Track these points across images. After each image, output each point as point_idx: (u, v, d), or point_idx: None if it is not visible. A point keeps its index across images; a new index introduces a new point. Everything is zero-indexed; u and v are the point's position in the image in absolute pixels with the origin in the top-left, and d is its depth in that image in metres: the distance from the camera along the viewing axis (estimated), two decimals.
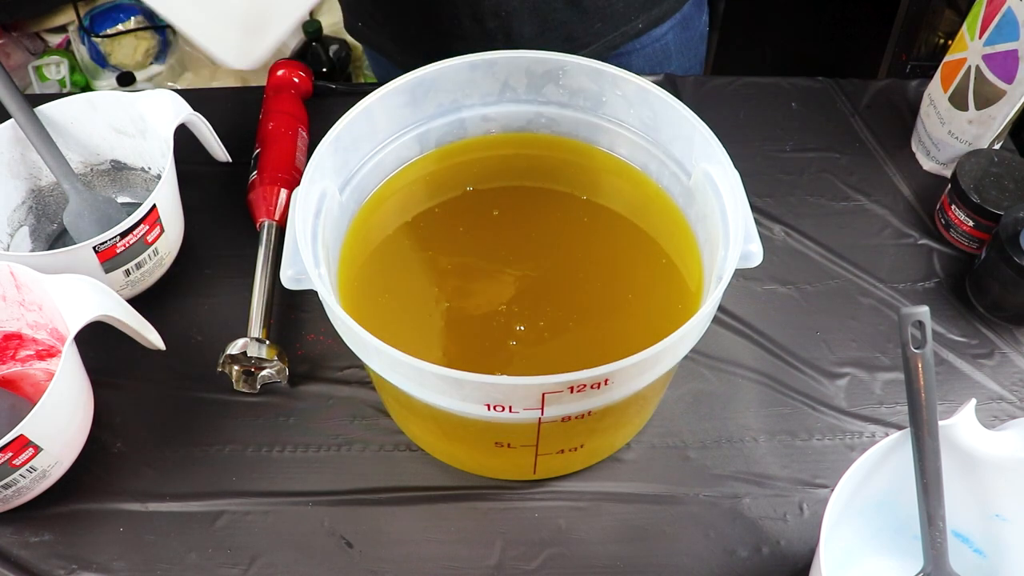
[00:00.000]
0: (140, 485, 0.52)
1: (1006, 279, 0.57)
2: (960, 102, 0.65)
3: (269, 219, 0.61)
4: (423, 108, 0.53)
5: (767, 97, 0.75)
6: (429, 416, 0.46)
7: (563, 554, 0.50)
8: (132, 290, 0.58)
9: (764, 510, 0.52)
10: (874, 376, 0.58)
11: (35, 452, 0.47)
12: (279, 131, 0.66)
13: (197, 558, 0.50)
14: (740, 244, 0.43)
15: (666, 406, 0.56)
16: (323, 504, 0.52)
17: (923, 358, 0.40)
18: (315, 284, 0.42)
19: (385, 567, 0.49)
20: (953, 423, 0.43)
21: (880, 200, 0.68)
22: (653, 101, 0.50)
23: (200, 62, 1.49)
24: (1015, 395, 0.57)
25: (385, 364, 0.41)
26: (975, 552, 0.48)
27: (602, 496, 0.52)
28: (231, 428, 0.55)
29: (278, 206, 0.61)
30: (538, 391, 0.39)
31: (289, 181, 0.63)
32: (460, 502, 0.52)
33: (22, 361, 0.56)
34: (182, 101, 0.60)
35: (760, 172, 0.69)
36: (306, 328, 0.59)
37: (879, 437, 0.55)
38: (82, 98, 0.61)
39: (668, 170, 0.52)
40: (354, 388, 0.56)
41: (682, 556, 0.50)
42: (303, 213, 0.45)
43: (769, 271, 0.63)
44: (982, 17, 0.62)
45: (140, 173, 0.65)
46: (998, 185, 0.62)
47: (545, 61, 0.52)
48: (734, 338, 0.59)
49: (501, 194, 0.56)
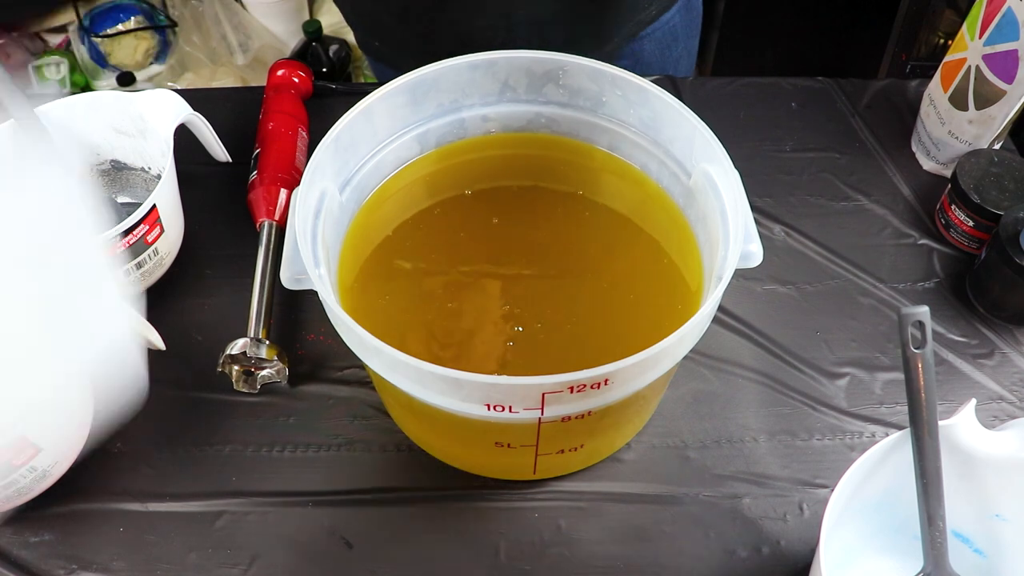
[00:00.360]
0: (140, 485, 0.52)
1: (1006, 279, 0.57)
2: (960, 102, 0.65)
3: (269, 219, 0.61)
4: (423, 108, 0.53)
5: (767, 97, 0.75)
6: (429, 416, 0.46)
7: (563, 554, 0.50)
8: (132, 290, 0.58)
9: (764, 510, 0.52)
10: (874, 376, 0.58)
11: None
12: (279, 131, 0.66)
13: (197, 558, 0.50)
14: (740, 244, 0.43)
15: (666, 406, 0.56)
16: (323, 504, 0.52)
17: (923, 358, 0.40)
18: (315, 284, 0.42)
19: (385, 567, 0.49)
20: (953, 423, 0.43)
21: (880, 200, 0.68)
22: (653, 101, 0.50)
23: (200, 62, 1.49)
24: (1015, 395, 0.57)
25: (385, 364, 0.41)
26: (975, 552, 0.48)
27: (602, 496, 0.52)
28: (231, 428, 0.55)
29: (278, 206, 0.61)
30: (538, 391, 0.39)
31: (289, 181, 0.63)
32: (460, 502, 0.52)
33: None
34: (182, 101, 0.60)
35: (760, 172, 0.69)
36: (306, 328, 0.59)
37: (879, 437, 0.55)
38: (82, 98, 0.61)
39: (668, 170, 0.52)
40: (354, 388, 0.56)
41: (682, 556, 0.50)
42: (303, 213, 0.45)
43: (769, 271, 0.63)
44: (982, 17, 0.62)
45: (140, 173, 0.65)
46: (998, 185, 0.62)
47: (545, 61, 0.52)
48: (734, 338, 0.59)
49: (501, 194, 0.56)
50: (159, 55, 1.50)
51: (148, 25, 1.47)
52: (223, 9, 1.48)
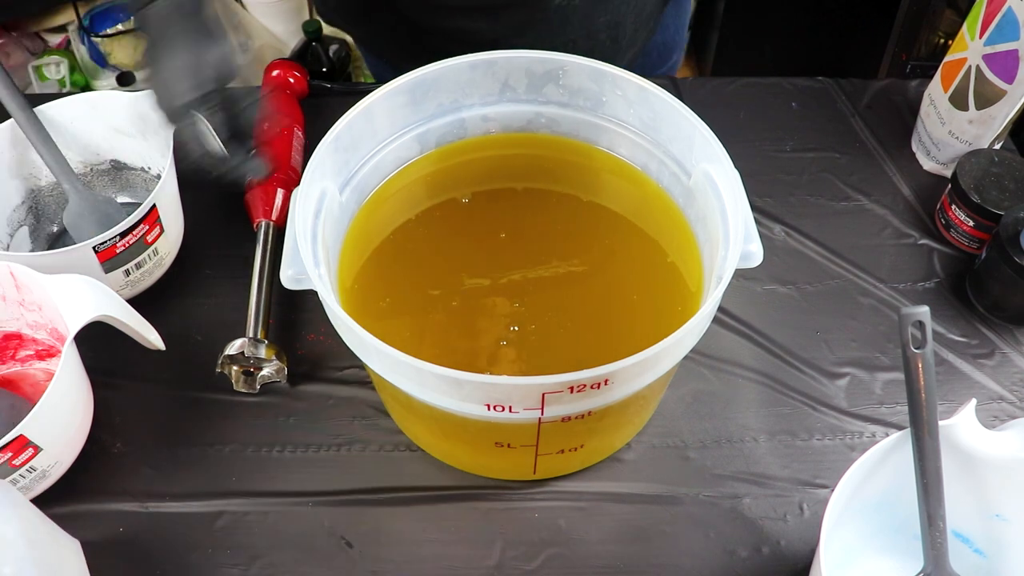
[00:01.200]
0: (140, 485, 0.52)
1: (1006, 279, 0.57)
2: (960, 102, 0.65)
3: (267, 219, 0.61)
4: (423, 108, 0.53)
5: (767, 97, 0.75)
6: (429, 416, 0.46)
7: (563, 554, 0.50)
8: (132, 290, 0.58)
9: (764, 510, 0.52)
10: (874, 376, 0.58)
11: (35, 452, 0.47)
12: (275, 131, 0.66)
13: (197, 558, 0.50)
14: (740, 244, 0.43)
15: (666, 406, 0.56)
16: (323, 504, 0.52)
17: (923, 358, 0.40)
18: (315, 284, 0.42)
19: (385, 567, 0.49)
20: (953, 423, 0.43)
21: (880, 200, 0.68)
22: (653, 101, 0.50)
23: None
24: (1015, 395, 0.57)
25: (385, 364, 0.41)
26: (975, 552, 0.48)
27: (602, 496, 0.52)
28: (231, 428, 0.55)
29: (275, 206, 0.61)
30: (538, 391, 0.39)
31: (286, 181, 0.63)
32: (460, 502, 0.52)
33: (22, 361, 0.56)
34: None
35: (760, 172, 0.69)
36: (306, 328, 0.59)
37: (879, 437, 0.55)
38: (82, 98, 0.61)
39: (668, 170, 0.52)
40: (354, 388, 0.56)
41: (682, 556, 0.50)
42: (303, 213, 0.44)
43: (769, 271, 0.63)
44: (982, 17, 0.62)
45: (140, 173, 0.65)
46: (998, 185, 0.62)
47: (545, 61, 0.52)
48: (734, 338, 0.59)
49: (501, 194, 0.56)
50: None
51: None
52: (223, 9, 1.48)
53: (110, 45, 1.45)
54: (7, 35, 1.43)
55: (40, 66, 1.43)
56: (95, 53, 1.45)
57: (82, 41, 1.44)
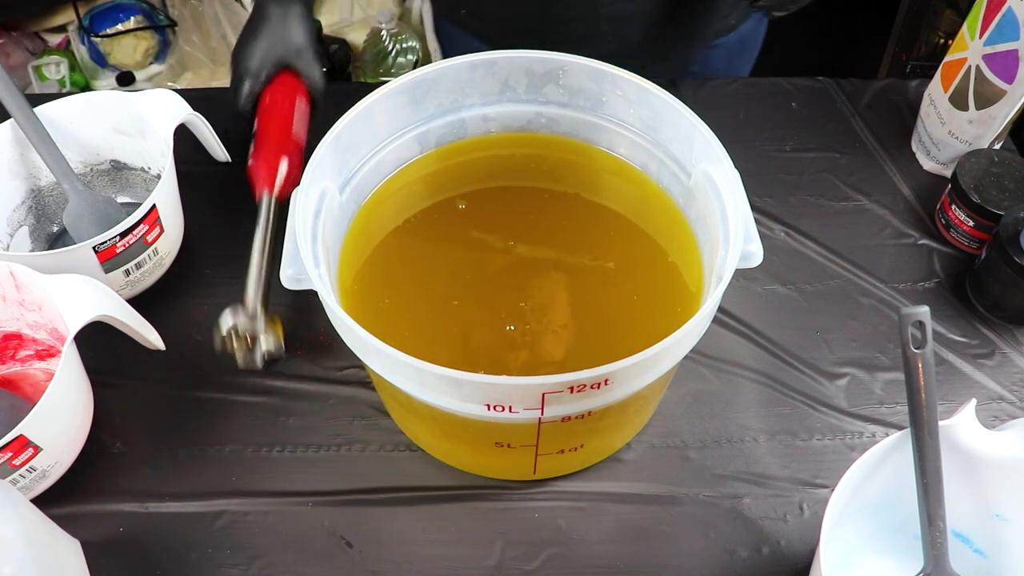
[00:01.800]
0: (140, 485, 0.52)
1: (1006, 279, 0.57)
2: (960, 102, 0.65)
3: (270, 189, 0.57)
4: (423, 108, 0.53)
5: (767, 97, 0.75)
6: (429, 416, 0.46)
7: (563, 554, 0.50)
8: (132, 290, 0.58)
9: (764, 510, 0.52)
10: (874, 376, 0.58)
11: (35, 452, 0.47)
12: (276, 101, 0.63)
13: (197, 558, 0.50)
14: (740, 244, 0.43)
15: (666, 406, 0.56)
16: (323, 504, 0.52)
17: (923, 358, 0.40)
18: (315, 284, 0.42)
19: (385, 567, 0.49)
20: (953, 423, 0.43)
21: (880, 200, 0.68)
22: (653, 101, 0.50)
23: (200, 62, 1.49)
24: (1015, 395, 0.57)
25: (385, 364, 0.41)
26: (975, 552, 0.48)
27: (602, 496, 0.52)
28: (231, 428, 0.55)
29: (279, 175, 0.58)
30: (538, 391, 0.39)
31: (291, 149, 0.59)
32: (460, 502, 0.52)
33: (22, 361, 0.56)
34: (182, 101, 0.60)
35: (760, 172, 0.69)
36: (306, 328, 0.59)
37: (879, 437, 0.55)
38: (82, 98, 0.61)
39: (668, 170, 0.52)
40: (354, 388, 0.56)
41: (682, 556, 0.50)
42: (303, 213, 0.44)
43: (769, 271, 0.63)
44: (982, 17, 0.62)
45: (140, 173, 0.65)
46: (998, 185, 0.62)
47: (545, 61, 0.52)
48: (734, 338, 0.59)
49: (501, 194, 0.56)
50: (159, 55, 1.50)
51: (148, 25, 1.47)
52: (223, 9, 1.48)
53: (110, 45, 1.45)
54: (7, 35, 1.43)
55: (40, 66, 1.43)
56: (95, 53, 1.45)
57: (82, 41, 1.44)
